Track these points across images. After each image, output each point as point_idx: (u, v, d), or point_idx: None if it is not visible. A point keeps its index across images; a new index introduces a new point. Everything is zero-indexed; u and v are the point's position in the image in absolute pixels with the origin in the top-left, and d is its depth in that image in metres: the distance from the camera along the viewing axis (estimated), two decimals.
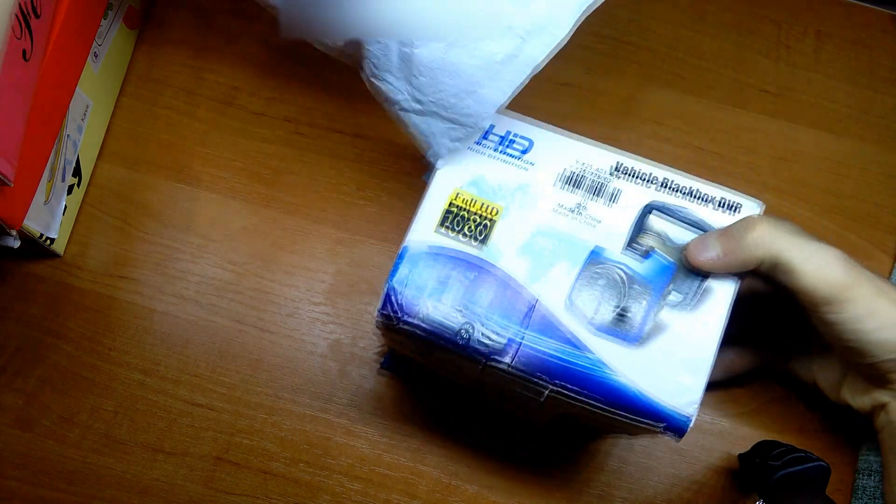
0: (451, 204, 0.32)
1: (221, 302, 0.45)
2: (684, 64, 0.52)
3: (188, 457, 0.43)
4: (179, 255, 0.46)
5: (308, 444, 0.43)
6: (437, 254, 0.32)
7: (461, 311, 0.31)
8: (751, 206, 0.33)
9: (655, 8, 0.53)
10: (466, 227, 0.32)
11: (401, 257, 0.32)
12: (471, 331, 0.31)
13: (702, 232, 0.32)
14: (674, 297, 0.31)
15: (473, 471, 0.44)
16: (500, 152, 0.33)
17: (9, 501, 0.42)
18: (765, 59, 0.53)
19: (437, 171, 0.33)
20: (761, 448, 0.42)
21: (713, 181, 0.50)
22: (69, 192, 0.44)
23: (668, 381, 0.30)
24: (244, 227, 0.47)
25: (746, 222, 0.32)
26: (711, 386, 0.45)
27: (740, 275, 0.33)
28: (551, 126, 0.34)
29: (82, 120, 0.45)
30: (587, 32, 0.53)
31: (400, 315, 0.31)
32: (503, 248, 0.32)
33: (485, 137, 0.34)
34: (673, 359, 0.31)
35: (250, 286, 0.46)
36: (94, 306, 0.45)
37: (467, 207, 0.32)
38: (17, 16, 0.34)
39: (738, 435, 0.45)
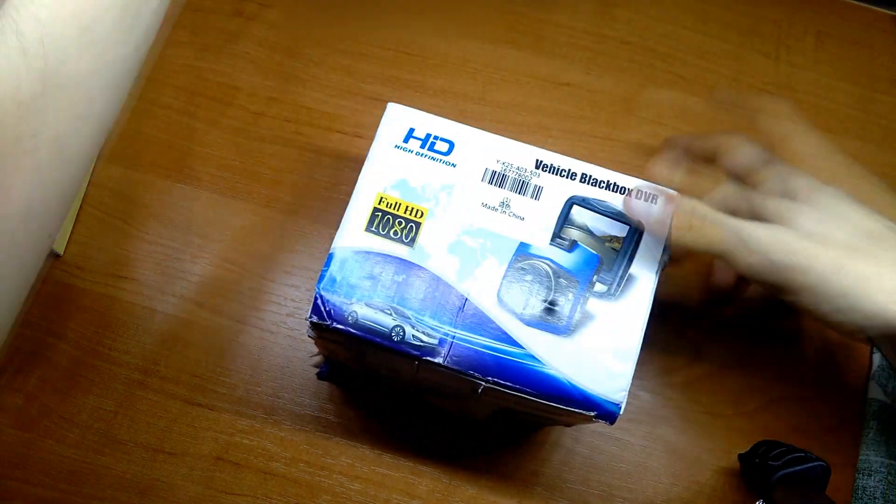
0: (376, 207, 0.33)
1: (221, 302, 0.45)
2: (684, 64, 0.52)
3: (188, 457, 0.43)
4: (179, 255, 0.46)
5: (308, 443, 0.43)
6: (366, 257, 0.32)
7: (392, 312, 0.31)
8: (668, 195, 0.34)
9: (655, 8, 0.53)
10: (393, 230, 0.33)
11: (328, 262, 0.32)
12: (403, 332, 0.31)
13: (622, 223, 0.33)
14: (599, 287, 0.32)
15: (473, 471, 0.44)
16: (422, 154, 0.34)
17: (9, 501, 0.42)
18: (765, 59, 0.53)
19: (361, 176, 0.34)
20: (761, 448, 0.42)
21: (714, 181, 0.50)
22: None
23: (597, 370, 0.31)
24: (244, 227, 0.47)
25: (687, 208, 0.32)
26: (710, 384, 0.45)
27: (661, 265, 0.33)
28: (470, 126, 0.34)
29: None
30: (587, 32, 0.53)
31: (330, 320, 0.31)
32: (431, 249, 0.32)
33: (406, 140, 0.34)
34: (601, 347, 0.32)
35: (250, 286, 0.46)
36: (94, 306, 0.45)
37: (393, 210, 0.33)
38: None
39: (738, 435, 0.45)
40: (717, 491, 0.44)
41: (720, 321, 0.46)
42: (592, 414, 0.31)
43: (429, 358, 0.31)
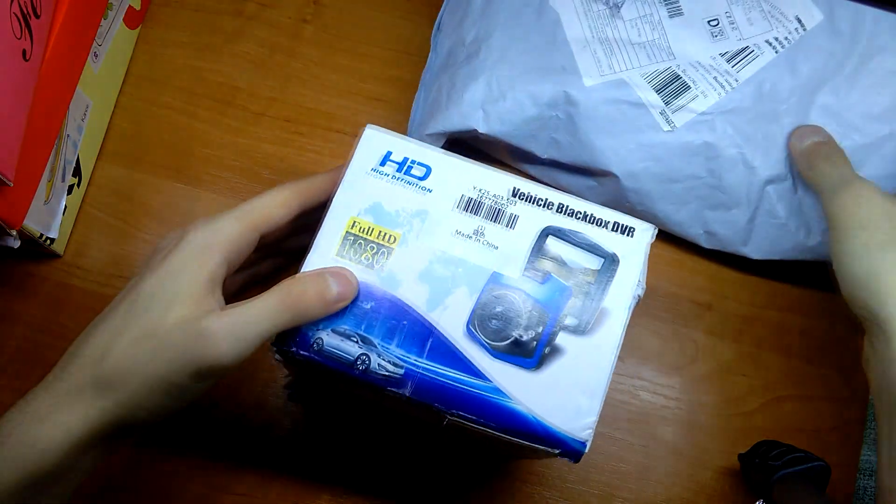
0: (348, 232, 0.32)
1: None
2: None
3: (189, 457, 0.43)
4: None
5: (308, 443, 0.43)
6: None
7: (358, 340, 0.31)
8: (643, 229, 0.33)
9: None
10: (364, 255, 0.32)
11: None
12: (368, 361, 0.31)
13: (597, 255, 0.33)
14: (570, 320, 0.32)
15: (473, 471, 0.44)
16: (398, 179, 0.33)
17: None
18: None
19: (334, 199, 0.33)
20: (761, 448, 0.42)
21: None
22: (69, 192, 0.44)
23: (563, 406, 0.31)
24: None
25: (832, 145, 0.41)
26: (710, 384, 0.45)
27: (635, 299, 0.33)
28: (449, 152, 0.34)
29: (82, 120, 0.45)
30: None
31: (295, 347, 0.31)
32: (402, 276, 0.32)
33: (382, 164, 0.33)
34: (569, 383, 0.31)
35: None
36: (94, 306, 0.45)
37: (364, 235, 0.32)
38: (16, 15, 0.34)
39: (738, 435, 0.45)
40: (717, 491, 0.44)
41: None
42: (557, 452, 0.30)
43: (393, 389, 0.30)
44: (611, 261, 0.33)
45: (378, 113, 0.50)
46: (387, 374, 0.31)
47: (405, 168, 0.33)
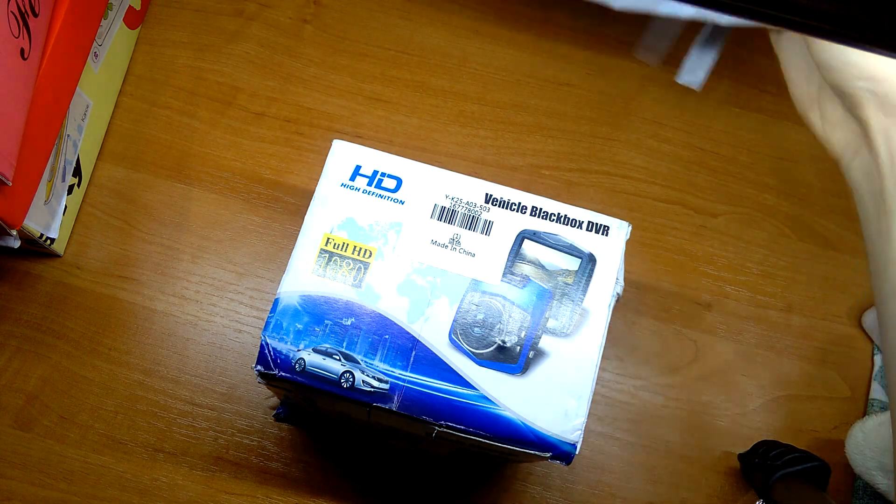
0: (322, 249, 0.32)
1: (221, 302, 0.45)
2: None
3: (188, 457, 0.43)
4: (179, 255, 0.46)
5: (308, 443, 0.43)
6: (313, 301, 0.31)
7: (341, 357, 0.31)
8: (618, 227, 0.33)
9: None
10: (341, 272, 0.32)
11: (274, 308, 0.31)
12: (352, 378, 0.30)
13: (574, 256, 0.33)
14: (552, 323, 0.32)
15: (472, 473, 0.44)
16: (369, 192, 0.33)
17: (9, 501, 0.42)
18: (765, 59, 0.53)
19: (308, 215, 0.33)
20: (761, 448, 0.42)
21: (713, 181, 0.50)
22: (69, 192, 0.44)
23: (551, 410, 0.31)
24: (244, 227, 0.47)
25: None
26: (710, 384, 0.45)
27: (615, 297, 0.32)
28: (418, 162, 0.34)
29: (82, 120, 0.45)
30: (587, 33, 0.53)
31: (276, 368, 0.31)
32: (381, 290, 0.32)
33: (352, 178, 0.33)
34: (555, 386, 0.31)
35: (250, 286, 0.46)
36: (94, 306, 0.45)
37: (340, 251, 0.32)
38: (14, 14, 0.34)
39: (738, 435, 0.45)
40: (717, 491, 0.44)
41: None
42: (548, 455, 0.30)
43: (380, 404, 0.30)
44: (588, 260, 0.33)
45: (378, 113, 0.50)
46: (372, 389, 0.30)
47: (376, 181, 0.33)
